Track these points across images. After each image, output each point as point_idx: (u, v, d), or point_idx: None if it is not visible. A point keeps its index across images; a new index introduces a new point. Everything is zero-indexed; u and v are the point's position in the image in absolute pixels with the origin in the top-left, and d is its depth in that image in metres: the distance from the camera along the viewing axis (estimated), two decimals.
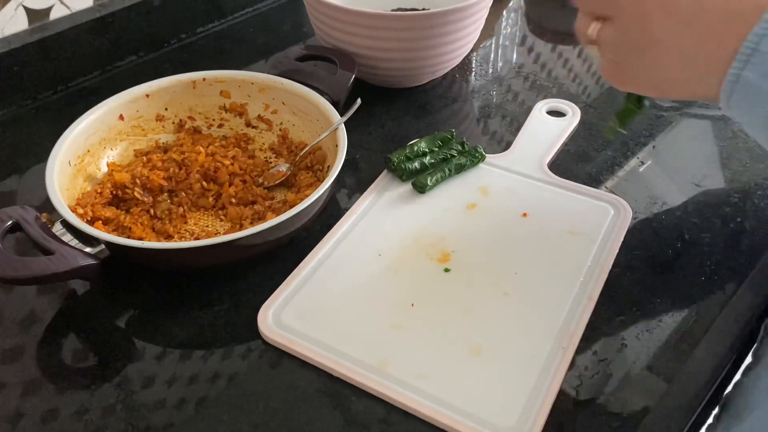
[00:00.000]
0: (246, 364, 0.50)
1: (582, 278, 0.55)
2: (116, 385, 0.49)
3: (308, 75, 0.69)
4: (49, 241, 0.51)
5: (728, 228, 0.61)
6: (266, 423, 0.46)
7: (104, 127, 0.65)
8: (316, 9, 0.74)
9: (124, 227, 0.58)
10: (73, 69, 0.80)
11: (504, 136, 0.73)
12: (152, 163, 0.64)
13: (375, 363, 0.49)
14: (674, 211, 0.63)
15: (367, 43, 0.73)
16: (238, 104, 0.71)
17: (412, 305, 0.53)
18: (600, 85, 0.82)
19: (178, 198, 0.62)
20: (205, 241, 0.51)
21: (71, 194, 0.59)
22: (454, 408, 0.46)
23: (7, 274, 0.48)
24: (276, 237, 0.55)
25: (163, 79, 0.68)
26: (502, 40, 0.91)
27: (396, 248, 0.58)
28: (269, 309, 0.53)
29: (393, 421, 0.46)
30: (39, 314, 0.54)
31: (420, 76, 0.79)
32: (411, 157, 0.66)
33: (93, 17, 0.79)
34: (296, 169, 0.66)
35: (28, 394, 0.48)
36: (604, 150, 0.70)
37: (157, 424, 0.46)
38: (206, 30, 0.92)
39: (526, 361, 0.49)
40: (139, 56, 0.86)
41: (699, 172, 0.67)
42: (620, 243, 0.58)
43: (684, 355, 0.50)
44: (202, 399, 0.48)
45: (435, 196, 0.63)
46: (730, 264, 0.57)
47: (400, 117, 0.76)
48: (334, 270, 0.56)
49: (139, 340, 0.52)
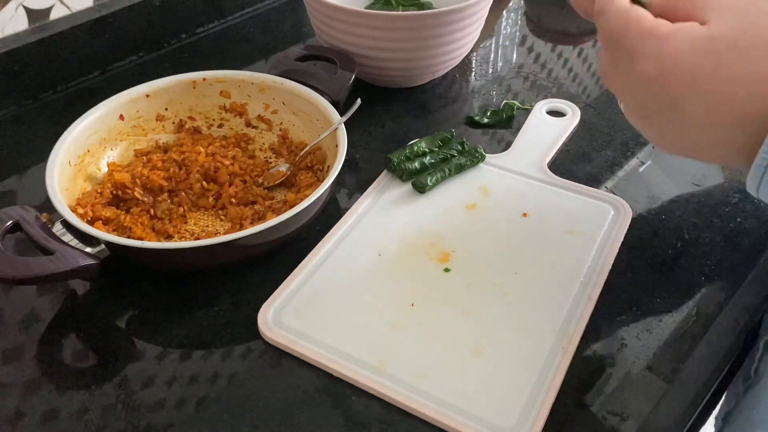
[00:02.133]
0: (246, 364, 0.50)
1: (582, 278, 0.55)
2: (116, 385, 0.49)
3: (308, 75, 0.69)
4: (49, 241, 0.51)
5: (728, 228, 0.61)
6: (266, 423, 0.46)
7: (104, 127, 0.65)
8: (316, 9, 0.74)
9: (124, 227, 0.58)
10: (73, 69, 0.80)
11: (504, 136, 0.73)
12: (152, 163, 0.64)
13: (375, 363, 0.49)
14: (674, 211, 0.63)
15: (367, 43, 0.73)
16: (238, 104, 0.71)
17: (412, 305, 0.53)
18: (600, 85, 0.82)
19: (178, 198, 0.62)
20: (205, 241, 0.51)
21: (71, 194, 0.59)
22: (454, 408, 0.46)
23: (7, 274, 0.48)
24: (276, 237, 0.55)
25: (163, 79, 0.68)
26: (502, 40, 0.91)
27: (396, 248, 0.58)
28: (269, 309, 0.53)
29: (393, 421, 0.46)
30: (39, 314, 0.54)
31: (420, 76, 0.79)
32: (411, 157, 0.66)
33: (93, 17, 0.79)
34: (296, 169, 0.66)
35: (28, 394, 0.48)
36: (604, 150, 0.70)
37: (157, 424, 0.46)
38: (206, 30, 0.92)
39: (526, 361, 0.49)
40: (139, 56, 0.86)
41: (699, 172, 0.67)
42: (620, 243, 0.58)
43: (684, 355, 0.50)
44: (202, 399, 0.48)
45: (435, 196, 0.63)
46: (730, 264, 0.57)
47: (400, 117, 0.76)
48: (334, 270, 0.56)
49: (139, 340, 0.52)
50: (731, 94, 0.37)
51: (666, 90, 0.39)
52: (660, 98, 0.40)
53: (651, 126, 0.43)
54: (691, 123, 0.39)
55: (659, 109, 0.40)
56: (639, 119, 0.44)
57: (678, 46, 0.38)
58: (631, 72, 0.40)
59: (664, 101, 0.40)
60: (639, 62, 0.40)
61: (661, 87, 0.39)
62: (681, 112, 0.39)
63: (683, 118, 0.39)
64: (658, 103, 0.40)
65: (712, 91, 0.37)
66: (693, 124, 0.39)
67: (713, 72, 0.37)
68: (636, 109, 0.43)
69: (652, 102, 0.40)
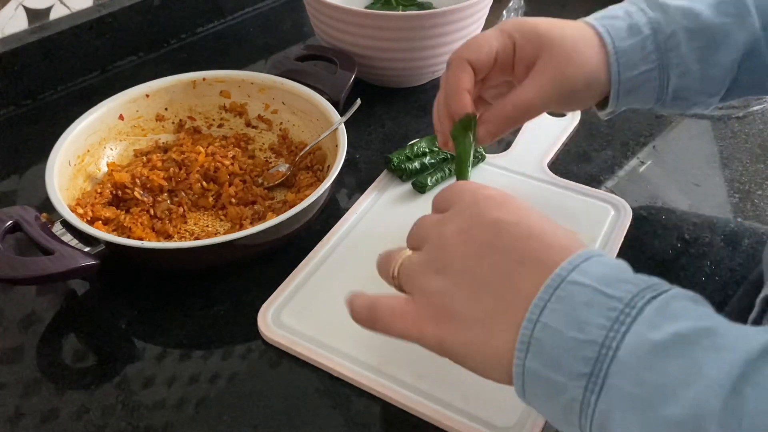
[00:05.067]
0: (246, 364, 0.50)
1: None
2: (116, 385, 0.49)
3: (308, 75, 0.69)
4: (49, 241, 0.51)
5: (728, 228, 0.61)
6: (266, 423, 0.46)
7: (104, 127, 0.65)
8: (316, 9, 0.74)
9: (124, 227, 0.58)
10: (73, 69, 0.80)
11: (504, 135, 0.73)
12: (152, 163, 0.64)
13: (375, 363, 0.49)
14: (674, 211, 0.63)
15: (367, 43, 0.73)
16: (238, 104, 0.71)
17: None
18: None
19: (178, 198, 0.62)
20: (205, 241, 0.51)
21: (71, 194, 0.59)
22: (454, 408, 0.46)
23: (7, 274, 0.48)
24: (276, 237, 0.55)
25: (163, 79, 0.68)
26: None
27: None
28: (269, 309, 0.53)
29: (393, 421, 0.46)
30: (39, 314, 0.54)
31: (420, 76, 0.79)
32: (411, 157, 0.66)
33: (93, 17, 0.79)
34: (296, 169, 0.66)
35: (28, 394, 0.48)
36: (604, 150, 0.70)
37: (157, 424, 0.46)
38: (206, 30, 0.92)
39: None
40: (139, 56, 0.86)
41: (699, 172, 0.67)
42: (620, 243, 0.58)
43: None
44: (202, 399, 0.48)
45: None
46: (730, 264, 0.57)
47: (400, 117, 0.76)
48: (334, 270, 0.56)
49: (139, 340, 0.52)
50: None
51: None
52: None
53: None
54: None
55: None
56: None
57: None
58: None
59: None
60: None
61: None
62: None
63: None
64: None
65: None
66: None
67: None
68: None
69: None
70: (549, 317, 0.32)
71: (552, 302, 0.33)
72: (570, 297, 0.32)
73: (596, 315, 0.31)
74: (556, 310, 0.32)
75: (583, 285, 0.32)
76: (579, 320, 0.32)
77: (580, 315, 0.32)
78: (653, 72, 0.51)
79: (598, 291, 0.32)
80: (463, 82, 0.50)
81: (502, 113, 0.50)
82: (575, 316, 0.32)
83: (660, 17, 0.51)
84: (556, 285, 0.33)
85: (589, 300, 0.32)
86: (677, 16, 0.51)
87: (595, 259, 0.34)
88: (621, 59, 0.50)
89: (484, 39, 0.51)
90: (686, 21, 0.50)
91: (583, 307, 0.32)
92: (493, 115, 0.51)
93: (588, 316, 0.31)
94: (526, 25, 0.51)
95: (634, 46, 0.50)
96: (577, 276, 0.33)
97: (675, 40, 0.50)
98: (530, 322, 0.33)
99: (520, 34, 0.50)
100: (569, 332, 0.32)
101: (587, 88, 0.51)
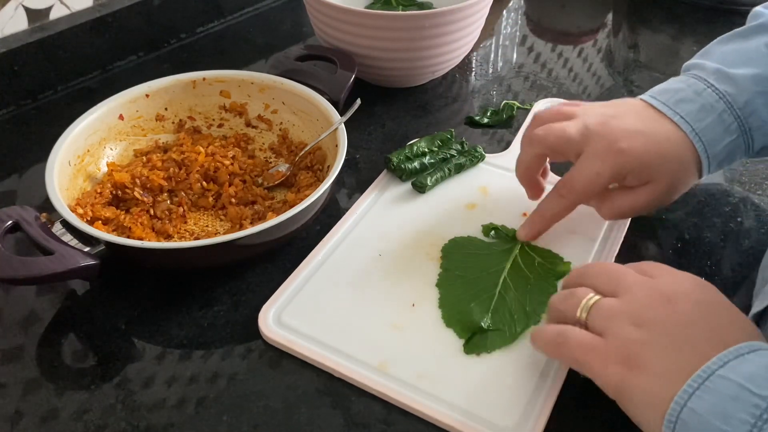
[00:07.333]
0: (246, 364, 0.50)
1: None
2: (116, 385, 0.49)
3: (308, 75, 0.69)
4: (49, 241, 0.51)
5: (728, 228, 0.61)
6: (266, 423, 0.46)
7: (104, 127, 0.65)
8: (316, 9, 0.74)
9: (124, 227, 0.58)
10: (73, 69, 0.80)
11: (504, 135, 0.73)
12: (152, 163, 0.64)
13: (375, 363, 0.49)
14: (674, 211, 0.63)
15: (367, 43, 0.73)
16: (238, 104, 0.71)
17: (413, 305, 0.53)
18: (600, 85, 0.82)
19: (178, 198, 0.62)
20: (205, 241, 0.51)
21: (71, 194, 0.59)
22: (455, 408, 0.46)
23: (7, 274, 0.48)
24: (276, 237, 0.55)
25: (163, 79, 0.68)
26: (502, 40, 0.91)
27: (396, 248, 0.58)
28: (269, 309, 0.53)
29: (393, 421, 0.46)
30: (39, 314, 0.54)
31: (420, 76, 0.79)
32: (411, 157, 0.66)
33: (93, 17, 0.79)
34: (296, 169, 0.66)
35: (28, 394, 0.48)
36: None
37: (157, 424, 0.46)
38: (206, 30, 0.92)
39: (527, 361, 0.49)
40: (139, 56, 0.86)
41: None
42: (620, 243, 0.58)
43: None
44: (202, 399, 0.48)
45: (435, 196, 0.63)
46: (730, 264, 0.57)
47: (400, 117, 0.76)
48: (334, 270, 0.56)
49: (139, 340, 0.52)
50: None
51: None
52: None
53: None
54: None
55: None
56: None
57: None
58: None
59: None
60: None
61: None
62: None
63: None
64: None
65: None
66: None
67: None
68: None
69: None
70: (696, 403, 0.36)
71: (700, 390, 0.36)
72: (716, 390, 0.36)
73: (740, 410, 0.35)
74: (703, 398, 0.36)
75: (729, 380, 0.36)
76: (725, 413, 0.35)
77: (726, 408, 0.35)
78: (738, 140, 0.54)
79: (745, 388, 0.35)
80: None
81: (620, 212, 0.55)
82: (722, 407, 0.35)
83: (729, 89, 0.54)
84: (706, 376, 0.37)
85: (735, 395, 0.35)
86: (748, 84, 0.53)
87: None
88: (704, 138, 0.53)
89: (592, 168, 0.53)
90: (758, 87, 0.53)
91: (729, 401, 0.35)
92: (608, 211, 0.56)
93: (733, 410, 0.35)
94: (631, 160, 0.52)
95: (713, 123, 0.53)
96: (726, 372, 0.36)
97: (751, 106, 0.53)
98: (678, 404, 0.37)
99: (632, 175, 0.53)
100: (714, 421, 0.35)
101: (687, 185, 0.56)
